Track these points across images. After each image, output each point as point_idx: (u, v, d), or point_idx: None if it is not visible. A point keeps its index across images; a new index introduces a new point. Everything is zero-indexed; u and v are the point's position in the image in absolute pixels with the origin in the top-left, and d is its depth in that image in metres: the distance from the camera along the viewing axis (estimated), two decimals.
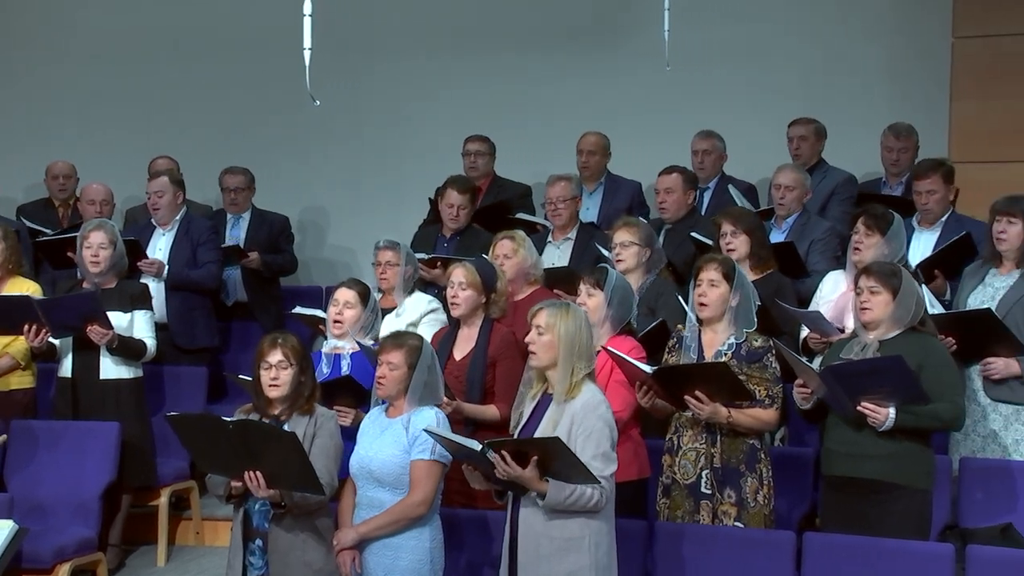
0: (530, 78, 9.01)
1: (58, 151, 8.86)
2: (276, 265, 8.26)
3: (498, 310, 5.69)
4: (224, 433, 4.64)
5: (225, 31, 9.51)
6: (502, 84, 9.05)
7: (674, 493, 5.17)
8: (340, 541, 4.78)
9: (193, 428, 4.85)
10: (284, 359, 4.85)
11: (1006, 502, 5.38)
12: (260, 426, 4.69)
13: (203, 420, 4.82)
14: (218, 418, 4.72)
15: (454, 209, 7.40)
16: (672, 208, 7.12)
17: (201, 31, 9.57)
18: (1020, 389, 5.51)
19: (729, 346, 5.14)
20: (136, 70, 9.65)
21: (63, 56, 9.79)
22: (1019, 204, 5.60)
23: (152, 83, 9.63)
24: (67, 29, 9.84)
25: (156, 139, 9.13)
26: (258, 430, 4.65)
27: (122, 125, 9.61)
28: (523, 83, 9.02)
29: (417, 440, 4.74)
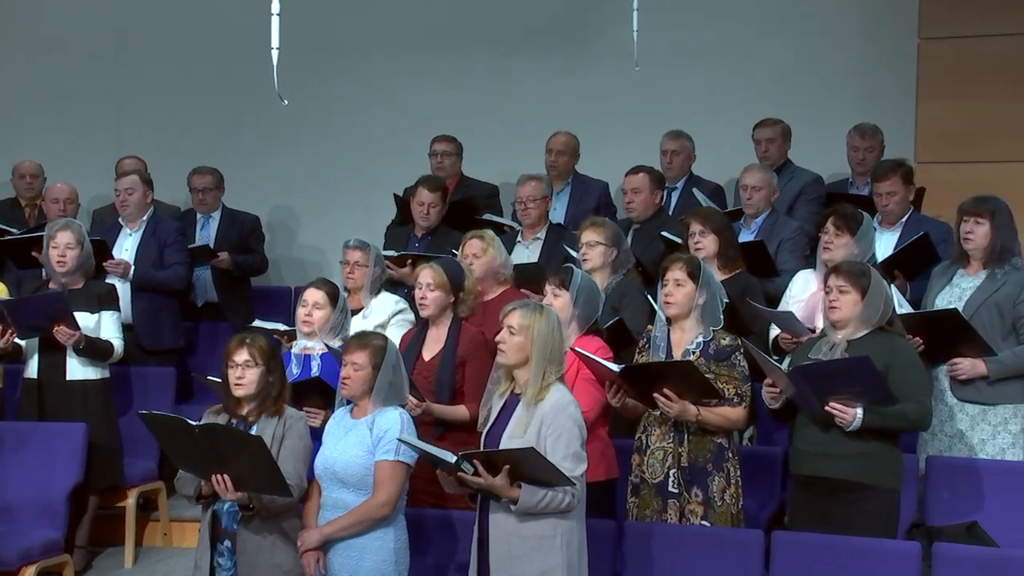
0: (498, 78, 9.01)
1: (25, 150, 8.79)
2: (247, 265, 8.22)
3: (466, 309, 5.69)
4: (191, 437, 4.63)
5: (193, 30, 9.47)
6: (470, 84, 9.05)
7: (643, 492, 5.18)
8: (304, 542, 4.77)
9: (164, 428, 4.84)
10: (250, 358, 4.84)
11: (972, 500, 5.43)
12: (226, 430, 4.67)
13: (172, 422, 4.81)
14: (185, 422, 4.70)
15: (425, 207, 7.40)
16: (640, 208, 7.13)
17: (169, 30, 9.52)
18: (987, 389, 5.54)
19: (697, 345, 5.15)
20: (104, 69, 9.60)
21: (30, 55, 9.72)
22: (986, 204, 5.64)
23: (120, 82, 9.58)
24: (34, 27, 9.77)
25: (123, 139, 9.09)
26: (224, 434, 4.63)
27: (90, 124, 9.56)
28: (491, 83, 9.02)
29: (381, 440, 4.73)
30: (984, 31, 7.53)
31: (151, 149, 8.77)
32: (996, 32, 7.51)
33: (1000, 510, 5.38)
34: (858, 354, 4.86)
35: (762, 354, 5.09)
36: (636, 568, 5.11)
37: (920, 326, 5.50)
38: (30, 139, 9.32)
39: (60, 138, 9.46)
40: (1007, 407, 5.55)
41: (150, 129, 9.36)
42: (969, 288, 5.65)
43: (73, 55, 9.64)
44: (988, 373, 5.50)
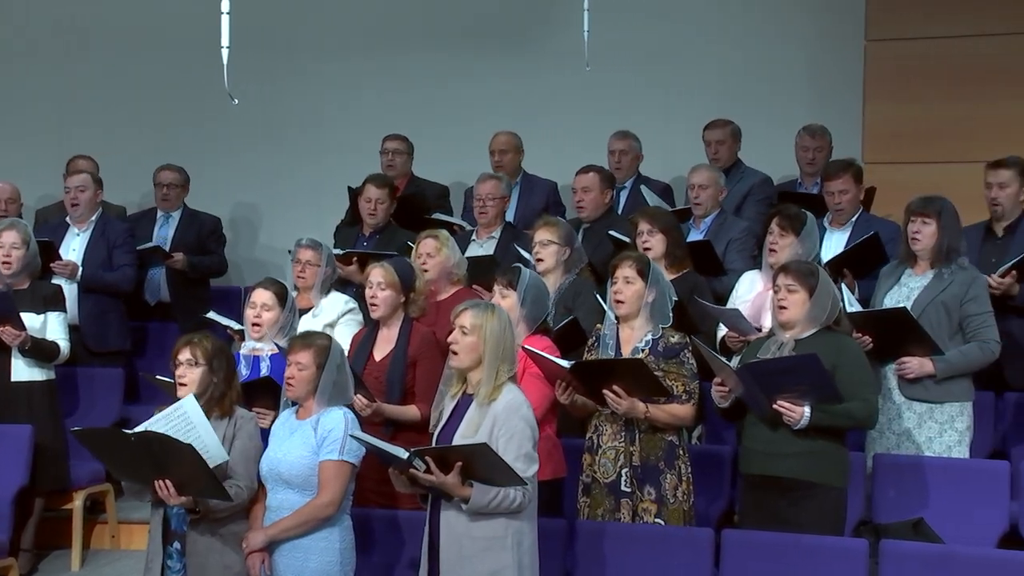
0: (450, 78, 9.01)
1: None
2: (203, 267, 8.14)
3: (417, 309, 5.68)
4: (129, 445, 4.59)
5: (142, 28, 9.38)
6: (422, 84, 9.04)
7: (594, 492, 5.19)
8: (249, 543, 4.75)
9: (100, 441, 4.82)
10: (192, 358, 4.81)
11: (918, 498, 5.48)
12: (160, 438, 4.61)
13: (106, 434, 4.79)
14: (120, 432, 4.68)
15: (372, 203, 7.38)
16: (590, 207, 7.15)
17: (117, 27, 9.43)
18: (934, 388, 5.59)
19: (646, 343, 5.17)
20: (50, 67, 9.50)
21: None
22: (933, 204, 5.69)
23: (66, 80, 9.48)
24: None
25: (71, 138, 8.99)
26: (158, 442, 4.59)
27: (34, 123, 9.46)
28: (443, 83, 9.01)
29: (326, 441, 4.71)
30: (930, 33, 7.61)
31: (98, 148, 8.67)
32: (942, 35, 7.59)
33: (946, 507, 5.44)
34: (806, 353, 4.90)
35: (711, 352, 5.12)
36: (587, 568, 5.12)
37: (869, 325, 5.55)
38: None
39: (5, 137, 9.35)
40: (954, 405, 5.61)
41: (97, 128, 9.26)
42: (917, 288, 5.71)
43: (18, 53, 9.53)
44: (935, 372, 5.56)
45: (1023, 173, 6.32)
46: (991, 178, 6.33)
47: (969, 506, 5.45)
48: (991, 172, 6.35)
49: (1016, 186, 6.31)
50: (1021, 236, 6.30)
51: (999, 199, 6.31)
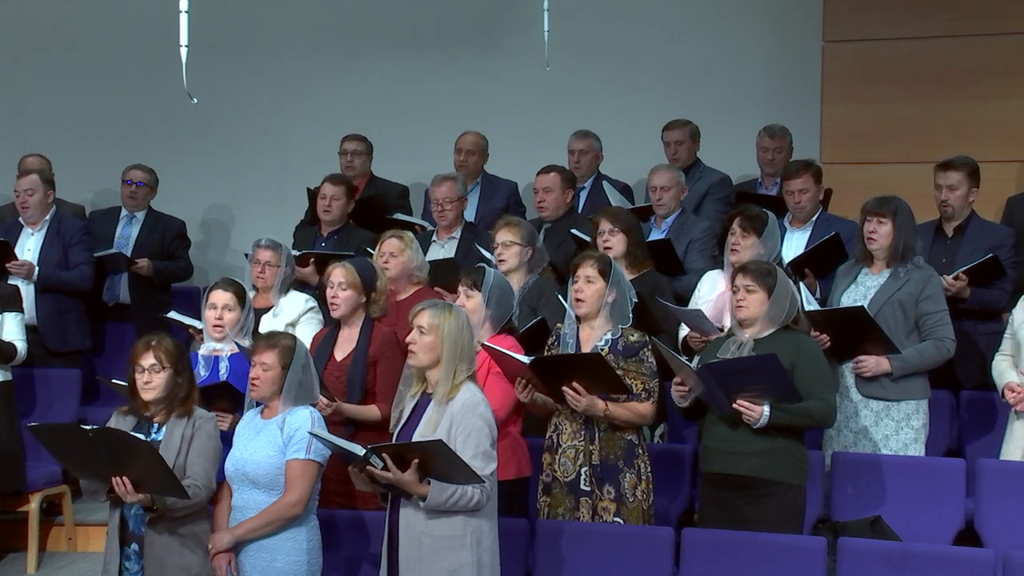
0: (410, 78, 9.00)
1: None
2: (169, 272, 8.04)
3: (378, 310, 5.67)
4: (87, 441, 4.56)
5: (100, 26, 9.31)
6: (382, 83, 9.02)
7: (554, 491, 5.20)
8: (215, 544, 4.73)
9: (57, 437, 4.77)
10: (157, 363, 4.78)
11: (875, 495, 5.53)
12: (118, 434, 4.60)
13: (64, 430, 4.75)
14: (78, 427, 4.65)
15: (327, 200, 7.37)
16: (551, 207, 7.17)
17: (74, 25, 9.36)
18: (890, 386, 5.64)
19: (606, 341, 5.19)
20: (5, 65, 9.40)
21: None
22: (889, 204, 5.74)
23: (23, 78, 9.39)
24: None
25: (26, 136, 8.91)
26: (116, 438, 4.57)
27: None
28: (403, 83, 9.00)
29: (292, 440, 4.70)
30: (887, 35, 7.68)
31: (55, 147, 8.60)
32: (897, 36, 7.66)
33: (903, 504, 5.49)
34: (765, 352, 4.93)
35: (671, 352, 5.14)
36: (548, 566, 5.14)
37: (827, 323, 5.60)
38: None
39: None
40: (910, 403, 5.66)
41: (54, 127, 9.19)
42: (873, 287, 5.75)
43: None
44: (892, 370, 5.61)
45: (972, 175, 6.38)
46: (940, 180, 6.38)
47: (925, 503, 5.51)
48: (940, 174, 6.39)
49: (965, 188, 6.36)
50: (971, 237, 6.36)
51: (949, 201, 6.36)
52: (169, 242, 8.08)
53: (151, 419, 4.82)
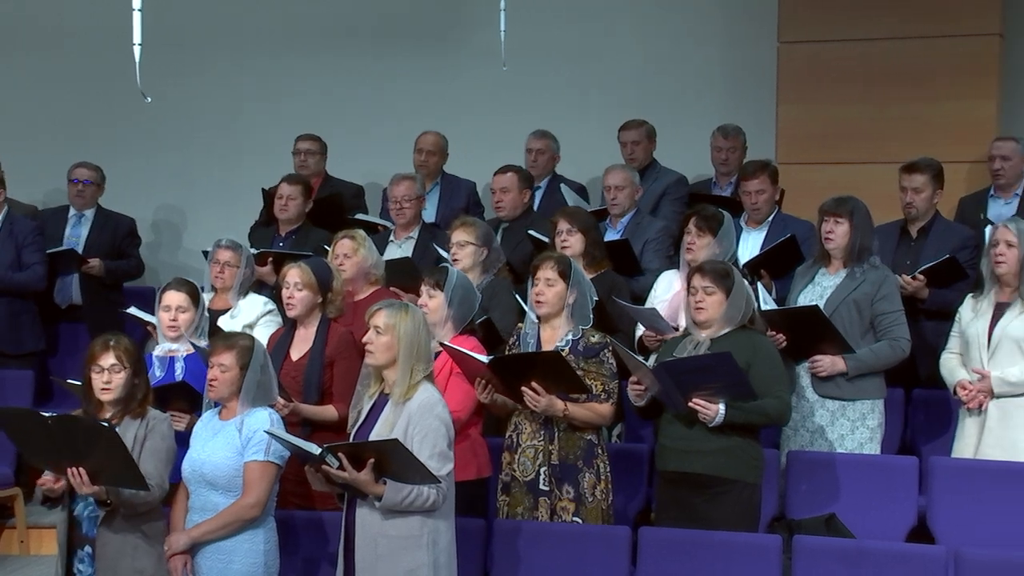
0: (365, 77, 8.97)
1: None
2: (120, 271, 7.97)
3: (335, 310, 5.66)
4: (46, 429, 4.52)
5: (51, 24, 9.22)
6: (339, 83, 8.99)
7: (514, 490, 5.21)
8: (171, 546, 4.70)
9: (16, 423, 4.72)
10: (117, 362, 4.74)
11: (830, 493, 5.57)
12: (79, 421, 4.58)
13: (24, 415, 4.69)
14: (38, 413, 4.61)
15: (283, 200, 7.34)
16: (509, 207, 7.17)
17: (25, 23, 9.26)
18: (846, 385, 5.67)
19: (566, 342, 5.20)
20: None
21: None
22: (845, 205, 5.78)
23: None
24: None
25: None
26: (77, 425, 4.54)
27: None
28: (358, 82, 8.98)
29: (251, 441, 4.68)
30: (841, 36, 7.74)
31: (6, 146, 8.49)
32: (852, 37, 7.72)
33: (857, 502, 5.53)
34: (720, 351, 4.96)
35: (628, 352, 5.16)
36: (505, 566, 5.14)
37: (783, 323, 5.63)
38: None
39: None
40: (865, 402, 5.70)
41: (5, 126, 9.08)
42: (830, 287, 5.79)
43: None
44: (847, 370, 5.65)
45: (936, 177, 6.43)
46: (905, 182, 6.43)
47: (879, 501, 5.55)
48: (905, 176, 6.43)
49: (930, 190, 6.41)
50: (934, 238, 6.41)
51: (914, 202, 6.41)
52: (120, 241, 8.02)
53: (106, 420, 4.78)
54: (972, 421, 5.62)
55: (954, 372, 5.69)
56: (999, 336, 5.55)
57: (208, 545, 4.69)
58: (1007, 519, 5.36)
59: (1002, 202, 6.98)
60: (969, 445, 5.62)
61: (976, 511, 5.39)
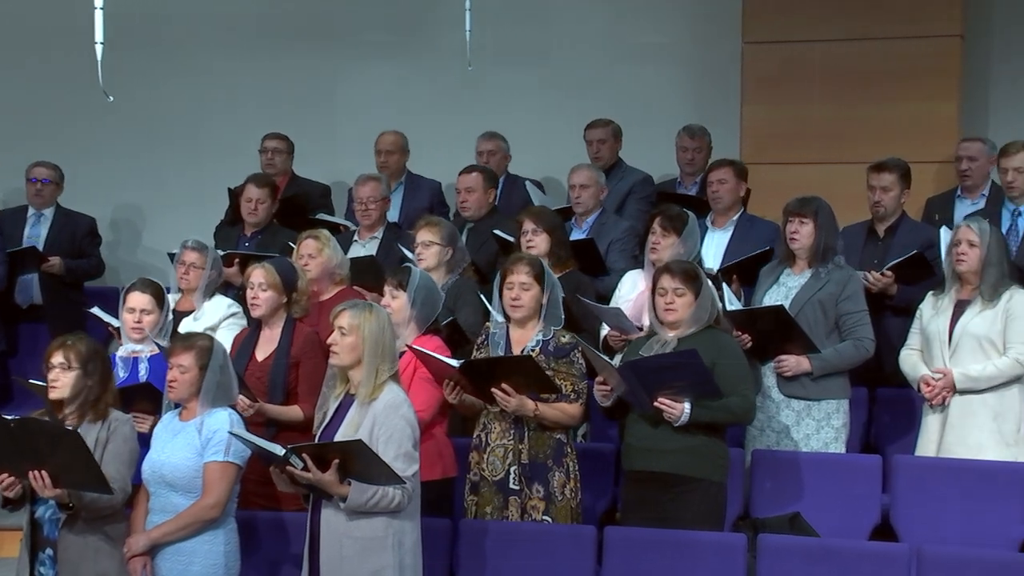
0: (332, 76, 8.95)
1: None
2: (81, 271, 7.93)
3: (300, 310, 5.64)
4: (8, 432, 4.49)
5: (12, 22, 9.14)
6: (304, 82, 8.96)
7: (483, 490, 5.20)
8: (131, 548, 4.67)
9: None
10: (65, 361, 4.72)
11: (794, 492, 5.59)
12: (42, 424, 4.55)
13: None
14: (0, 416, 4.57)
15: (253, 203, 7.31)
16: (473, 207, 7.16)
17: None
18: (811, 385, 5.70)
19: (537, 342, 5.20)
20: None
21: None
22: (810, 205, 5.80)
23: None
24: None
25: None
26: (40, 429, 4.51)
27: None
28: (326, 81, 8.95)
29: (211, 442, 4.66)
30: (805, 36, 7.78)
31: None
32: (816, 38, 7.76)
33: (821, 500, 5.56)
34: (685, 349, 4.97)
35: (594, 351, 5.17)
36: (472, 566, 5.14)
37: (748, 323, 5.64)
38: None
39: None
40: (830, 402, 5.72)
41: None
42: (795, 287, 5.81)
43: None
44: (812, 369, 5.67)
45: (904, 176, 6.47)
46: (874, 181, 6.46)
47: (843, 500, 5.58)
48: (874, 175, 6.47)
49: (898, 189, 6.45)
50: (902, 237, 6.45)
51: (882, 202, 6.44)
52: (80, 240, 7.97)
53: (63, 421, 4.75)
54: (934, 419, 5.66)
55: (916, 368, 5.73)
56: (960, 334, 5.59)
57: (168, 547, 4.67)
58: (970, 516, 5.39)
59: (969, 203, 7.03)
60: (932, 443, 5.65)
61: (939, 509, 5.43)
